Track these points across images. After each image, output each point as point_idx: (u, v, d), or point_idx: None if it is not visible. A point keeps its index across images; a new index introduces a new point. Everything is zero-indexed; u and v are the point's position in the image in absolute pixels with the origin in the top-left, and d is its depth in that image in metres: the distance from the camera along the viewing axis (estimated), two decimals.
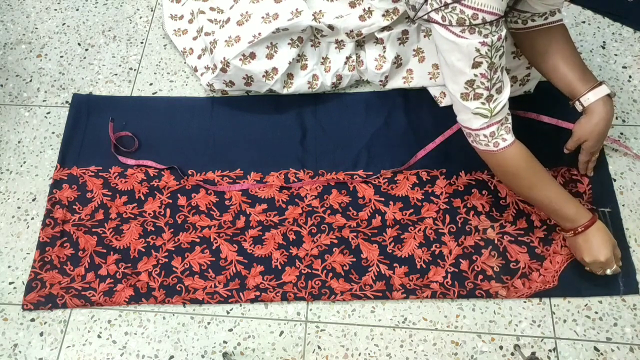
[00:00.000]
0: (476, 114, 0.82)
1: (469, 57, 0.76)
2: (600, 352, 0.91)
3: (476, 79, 0.79)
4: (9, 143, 1.16)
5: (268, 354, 0.93)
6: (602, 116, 0.90)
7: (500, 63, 0.79)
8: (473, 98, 0.81)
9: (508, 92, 0.82)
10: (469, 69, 0.78)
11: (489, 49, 0.76)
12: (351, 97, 1.16)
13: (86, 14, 1.34)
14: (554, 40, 0.91)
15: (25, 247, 1.04)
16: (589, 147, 0.95)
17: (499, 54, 0.78)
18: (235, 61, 1.05)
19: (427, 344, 0.93)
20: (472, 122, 0.84)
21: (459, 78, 0.80)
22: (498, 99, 0.81)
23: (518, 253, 0.98)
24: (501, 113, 0.83)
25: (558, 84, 0.93)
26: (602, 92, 0.89)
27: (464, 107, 0.82)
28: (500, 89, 0.81)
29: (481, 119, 0.82)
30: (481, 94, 0.80)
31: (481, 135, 0.84)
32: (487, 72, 0.78)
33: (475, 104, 0.81)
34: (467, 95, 0.81)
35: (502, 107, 0.82)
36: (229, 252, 1.01)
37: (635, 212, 1.02)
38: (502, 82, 0.81)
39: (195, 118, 1.15)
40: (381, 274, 0.98)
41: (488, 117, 0.82)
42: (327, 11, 1.06)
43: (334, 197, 1.05)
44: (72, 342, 0.95)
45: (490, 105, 0.81)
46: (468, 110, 0.82)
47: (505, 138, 0.84)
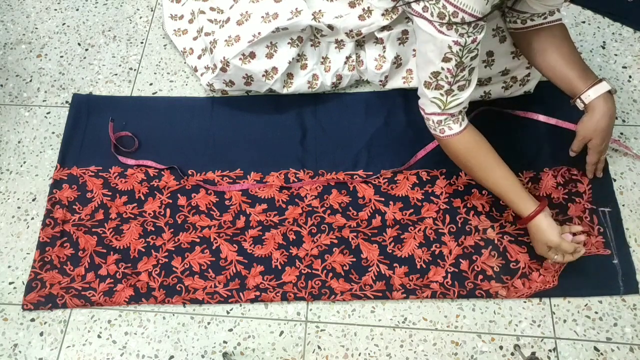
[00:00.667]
0: (432, 102, 0.87)
1: (441, 51, 0.80)
2: (600, 352, 0.91)
3: (442, 72, 0.82)
4: (9, 143, 1.16)
5: (268, 354, 0.93)
6: (604, 112, 0.89)
7: (470, 64, 0.82)
8: (434, 88, 0.85)
9: (469, 93, 0.86)
10: (439, 62, 0.81)
11: (461, 49, 0.79)
12: (351, 97, 1.16)
13: (86, 14, 1.34)
14: (553, 39, 0.91)
15: (25, 247, 1.04)
16: (596, 145, 0.94)
17: (470, 55, 0.81)
18: (235, 60, 1.05)
19: (427, 344, 0.93)
20: (426, 106, 0.89)
21: (427, 67, 0.83)
22: (457, 95, 0.85)
23: (518, 253, 0.98)
24: (454, 109, 0.87)
25: (558, 83, 0.93)
26: (602, 88, 0.88)
27: (424, 92, 0.87)
28: (462, 87, 0.85)
29: (435, 107, 0.87)
30: (442, 86, 0.84)
31: (430, 120, 0.90)
32: (454, 69, 0.82)
33: (434, 94, 0.86)
34: (430, 85, 0.85)
35: (458, 104, 0.86)
36: (229, 252, 1.01)
37: (635, 212, 1.02)
38: (468, 82, 0.85)
39: (195, 118, 1.15)
40: (381, 274, 0.98)
41: (441, 109, 0.87)
42: (327, 11, 1.06)
43: (334, 197, 1.05)
44: (72, 342, 0.95)
45: (446, 98, 0.86)
46: (427, 97, 0.87)
47: (451, 127, 0.88)
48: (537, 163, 1.06)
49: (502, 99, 1.11)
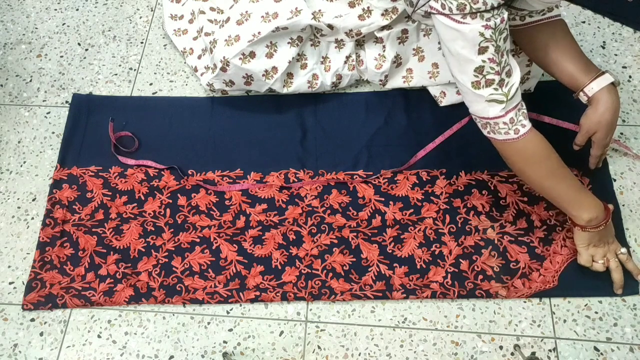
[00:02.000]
0: (491, 101, 0.80)
1: (474, 42, 0.75)
2: (600, 352, 0.91)
3: (485, 64, 0.77)
4: (9, 143, 1.16)
5: (268, 354, 0.93)
6: (608, 105, 0.86)
7: (505, 46, 0.77)
8: (485, 85, 0.78)
9: (519, 75, 0.80)
10: (476, 56, 0.76)
11: (493, 32, 0.74)
12: (351, 97, 1.16)
13: (86, 14, 1.34)
14: (553, 33, 0.90)
15: (25, 247, 1.04)
16: (600, 138, 0.91)
17: (502, 37, 0.76)
18: (235, 60, 1.05)
19: (427, 344, 0.93)
20: (487, 111, 0.81)
21: (466, 67, 0.78)
22: (510, 82, 0.79)
23: (518, 253, 0.98)
24: (516, 97, 0.81)
25: (560, 78, 0.91)
26: (605, 80, 0.87)
27: (477, 96, 0.80)
28: (509, 72, 0.79)
29: (497, 106, 0.80)
30: (492, 79, 0.78)
31: (500, 123, 0.81)
32: (495, 56, 0.76)
33: (489, 91, 0.79)
34: (479, 83, 0.79)
35: (516, 90, 0.80)
36: (229, 252, 1.01)
37: (635, 212, 1.02)
38: (510, 65, 0.80)
39: (195, 118, 1.15)
40: (381, 274, 0.98)
41: (504, 102, 0.79)
42: (327, 10, 1.06)
43: (334, 197, 1.05)
44: (72, 342, 0.95)
45: (504, 90, 0.79)
46: (482, 99, 0.80)
47: (524, 124, 0.82)
48: None
49: None
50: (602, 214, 0.87)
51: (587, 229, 0.88)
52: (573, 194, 0.87)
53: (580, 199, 0.87)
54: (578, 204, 0.87)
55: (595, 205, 0.86)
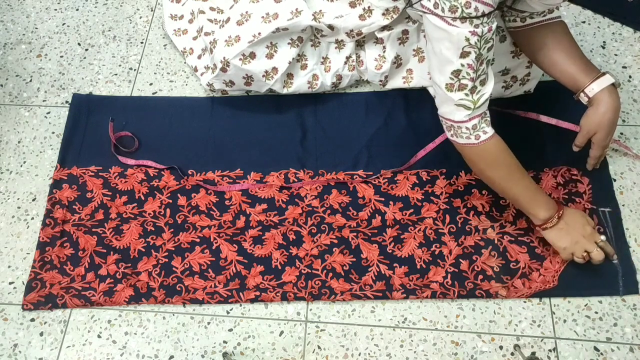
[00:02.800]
0: (459, 106, 0.83)
1: (458, 46, 0.77)
2: (600, 352, 0.91)
3: (463, 69, 0.79)
4: (9, 143, 1.16)
5: (268, 354, 0.93)
6: (609, 106, 0.87)
7: (487, 56, 0.80)
8: (458, 89, 0.81)
9: (491, 86, 0.83)
10: (457, 59, 0.78)
11: (479, 40, 0.76)
12: (351, 97, 1.16)
13: (86, 14, 1.34)
14: (553, 35, 0.90)
15: (25, 247, 1.04)
16: (600, 139, 0.91)
17: (487, 46, 0.78)
18: (235, 61, 1.05)
19: (427, 344, 0.93)
20: (454, 114, 0.84)
21: (445, 67, 0.80)
22: (482, 90, 0.82)
23: (518, 253, 0.98)
24: (483, 106, 0.84)
25: (561, 79, 0.92)
26: (606, 81, 0.87)
27: (448, 98, 0.83)
28: (484, 81, 0.82)
29: (464, 111, 0.83)
30: (466, 84, 0.81)
31: (463, 127, 0.85)
32: (474, 62, 0.78)
33: (459, 95, 0.82)
34: (452, 86, 0.81)
35: (485, 100, 0.83)
36: (229, 252, 1.01)
37: (635, 212, 1.02)
38: (487, 75, 0.82)
39: (195, 118, 1.15)
40: (381, 274, 0.98)
41: (471, 110, 0.83)
42: (327, 11, 1.06)
43: (334, 197, 1.05)
44: (72, 342, 0.95)
45: (474, 97, 0.82)
46: (451, 102, 0.83)
47: (486, 131, 0.85)
48: (537, 163, 1.05)
49: (502, 99, 1.10)
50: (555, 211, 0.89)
51: (547, 227, 0.90)
52: (529, 195, 0.89)
53: (536, 199, 0.89)
54: (535, 203, 0.90)
55: (551, 205, 0.89)
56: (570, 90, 0.91)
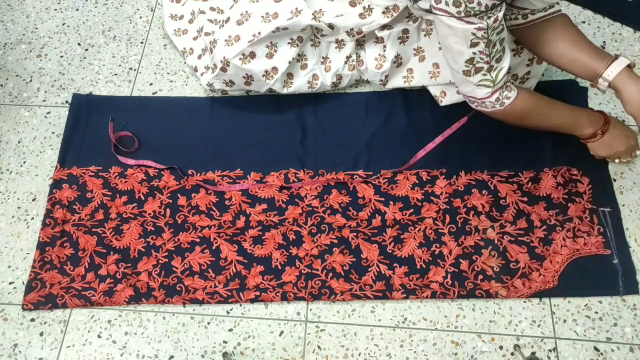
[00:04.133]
0: (479, 86, 0.86)
1: (466, 39, 0.80)
2: (600, 352, 0.91)
3: (475, 56, 0.82)
4: (9, 143, 1.16)
5: (268, 354, 0.93)
6: (636, 83, 0.83)
7: (498, 38, 0.82)
8: (475, 72, 0.84)
9: (509, 59, 0.85)
10: (467, 49, 0.81)
11: (485, 32, 0.79)
12: (351, 97, 1.16)
13: (86, 14, 1.34)
14: (557, 27, 0.90)
15: (25, 247, 1.04)
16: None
17: (496, 31, 0.80)
18: (235, 60, 1.05)
19: (427, 344, 0.93)
20: (476, 92, 0.88)
21: (459, 58, 0.83)
22: (498, 67, 0.85)
23: (518, 253, 0.98)
24: (503, 80, 0.86)
25: (573, 69, 0.90)
26: (622, 63, 0.84)
27: (467, 81, 0.86)
28: (499, 58, 0.84)
29: (485, 89, 0.86)
30: (482, 67, 0.84)
31: (487, 102, 0.89)
32: (485, 49, 0.81)
33: (478, 77, 0.85)
34: (469, 72, 0.85)
35: (504, 75, 0.86)
36: (229, 252, 1.01)
37: (635, 212, 1.02)
38: (502, 53, 0.84)
39: (195, 118, 1.15)
40: (381, 274, 0.98)
41: (491, 87, 0.86)
42: (327, 10, 1.05)
43: (334, 197, 1.05)
44: (72, 342, 0.95)
45: (492, 75, 0.85)
46: (471, 84, 0.86)
47: (509, 96, 0.88)
48: (537, 163, 1.05)
49: None
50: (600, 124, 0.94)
51: (590, 141, 0.96)
52: (570, 121, 0.94)
53: (578, 124, 0.94)
54: (577, 126, 0.94)
55: (592, 120, 0.94)
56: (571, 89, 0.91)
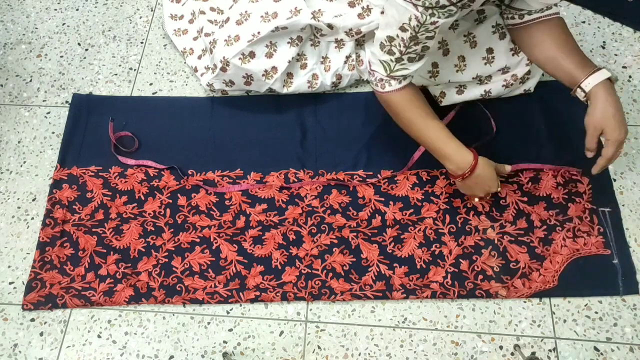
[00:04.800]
0: (380, 63, 0.89)
1: (400, 19, 0.81)
2: (600, 352, 0.91)
3: (396, 39, 0.84)
4: (9, 143, 1.16)
5: (268, 354, 0.93)
6: (607, 99, 0.83)
7: (424, 42, 0.83)
8: (386, 52, 0.87)
9: (417, 67, 0.88)
10: (396, 28, 0.82)
11: (418, 26, 0.80)
12: (351, 96, 1.16)
13: (86, 14, 1.34)
14: (549, 31, 0.90)
15: (25, 247, 1.04)
16: (610, 134, 0.84)
17: (427, 34, 0.81)
18: (235, 60, 1.05)
19: (427, 344, 0.93)
20: (373, 64, 0.91)
21: (385, 29, 0.85)
22: (405, 65, 0.87)
23: (518, 253, 0.98)
24: (398, 76, 0.89)
25: (557, 74, 0.91)
26: (602, 75, 0.84)
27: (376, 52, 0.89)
28: (412, 59, 0.87)
29: (380, 68, 0.89)
30: (394, 52, 0.86)
31: (374, 76, 0.92)
32: (407, 40, 0.83)
33: (385, 57, 0.87)
34: (383, 47, 0.86)
35: (403, 75, 0.89)
36: (229, 252, 1.01)
37: (635, 212, 1.02)
38: (418, 56, 0.86)
39: (195, 118, 1.15)
40: (381, 274, 0.98)
41: (386, 72, 0.89)
42: (326, 10, 1.06)
43: (334, 197, 1.05)
44: (72, 342, 0.95)
45: (394, 65, 0.88)
46: (377, 57, 0.89)
47: (391, 84, 0.90)
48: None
49: (502, 99, 1.10)
50: (465, 166, 0.91)
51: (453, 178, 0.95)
52: (436, 145, 0.92)
53: (443, 150, 0.92)
54: (441, 154, 0.93)
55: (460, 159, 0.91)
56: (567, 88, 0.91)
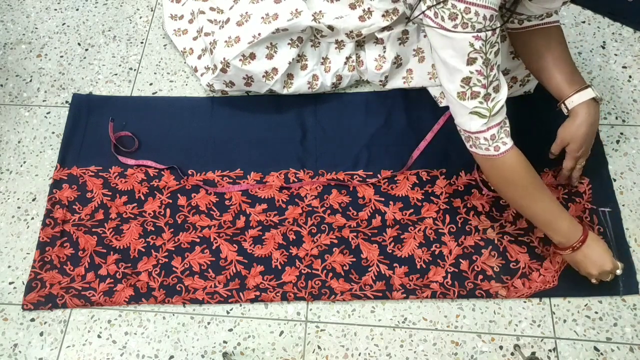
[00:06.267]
0: (473, 114, 0.80)
1: (463, 52, 0.76)
2: (600, 352, 0.91)
3: (472, 75, 0.77)
4: (9, 143, 1.16)
5: (268, 354, 0.93)
6: (585, 119, 0.87)
7: (495, 60, 0.78)
8: (470, 97, 0.79)
9: (506, 92, 0.81)
10: (464, 66, 0.77)
11: (483, 44, 0.75)
12: (351, 97, 1.16)
13: (86, 14, 1.34)
14: (546, 41, 0.91)
15: (25, 247, 1.04)
16: (572, 150, 0.92)
17: (494, 50, 0.77)
18: (235, 61, 1.05)
19: (427, 344, 0.93)
20: (470, 124, 0.82)
21: (455, 76, 0.78)
22: (496, 98, 0.80)
23: (518, 253, 0.98)
24: (500, 114, 0.81)
25: (547, 86, 0.92)
26: (587, 95, 0.87)
27: (462, 107, 0.80)
28: (497, 87, 0.80)
29: (479, 120, 0.80)
30: (478, 92, 0.79)
31: (481, 138, 0.82)
32: (483, 68, 0.77)
33: (473, 103, 0.79)
34: (464, 94, 0.79)
35: (501, 108, 0.81)
36: (229, 252, 1.01)
37: (635, 212, 1.02)
38: (499, 81, 0.80)
39: (195, 118, 1.15)
40: (381, 274, 0.98)
41: (487, 117, 0.80)
42: (327, 12, 1.06)
43: (334, 197, 1.05)
44: (72, 342, 0.95)
45: (488, 104, 0.80)
46: (466, 111, 0.80)
47: (505, 142, 0.82)
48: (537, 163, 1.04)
49: None
50: (575, 240, 0.85)
51: (562, 253, 0.89)
52: (547, 217, 0.86)
53: (553, 223, 0.86)
54: (550, 228, 0.87)
55: (571, 234, 0.86)
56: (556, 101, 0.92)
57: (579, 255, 0.86)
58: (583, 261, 0.86)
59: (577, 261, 0.88)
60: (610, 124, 1.11)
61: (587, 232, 0.86)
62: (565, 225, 0.86)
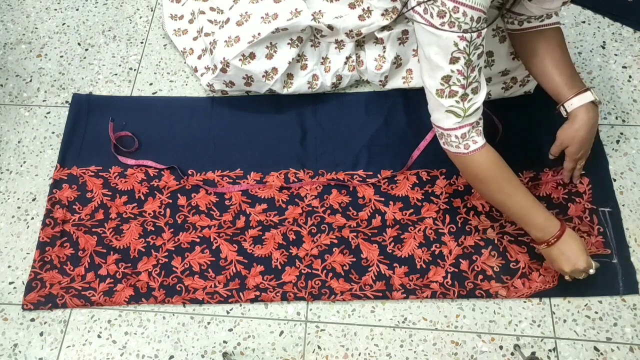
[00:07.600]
0: (449, 112, 0.81)
1: (447, 51, 0.76)
2: (600, 352, 0.91)
3: (453, 75, 0.78)
4: (9, 143, 1.16)
5: (268, 354, 0.93)
6: (584, 122, 0.89)
7: (478, 62, 0.79)
8: (448, 95, 0.80)
9: (484, 95, 0.81)
10: (446, 64, 0.77)
11: (467, 45, 0.76)
12: (351, 97, 1.16)
13: (86, 14, 1.34)
14: (546, 43, 0.91)
15: (25, 247, 1.04)
16: (571, 153, 0.94)
17: (477, 52, 0.77)
18: (235, 61, 1.05)
19: (427, 344, 0.93)
20: (444, 122, 0.83)
21: (436, 73, 0.79)
22: (473, 99, 0.80)
23: (518, 253, 0.98)
24: (475, 115, 0.82)
25: (546, 88, 0.93)
26: (586, 98, 0.88)
27: (439, 104, 0.81)
28: (476, 89, 0.80)
29: (453, 118, 0.81)
30: (456, 91, 0.79)
31: (452, 136, 0.83)
32: (464, 68, 0.77)
33: (450, 102, 0.80)
34: (443, 92, 0.80)
35: (476, 109, 0.81)
36: (229, 252, 1.01)
37: (635, 212, 1.02)
38: (479, 83, 0.80)
39: (195, 118, 1.15)
40: (381, 274, 0.98)
41: (461, 117, 0.81)
42: (327, 11, 1.05)
43: (334, 197, 1.05)
44: (72, 342, 0.95)
45: (464, 105, 0.80)
46: (442, 108, 0.81)
47: (476, 140, 0.83)
48: (537, 163, 1.06)
49: (502, 100, 1.10)
50: (551, 235, 0.85)
51: (538, 248, 0.88)
52: (522, 212, 0.86)
53: (528, 218, 0.86)
54: (525, 222, 0.87)
55: (547, 228, 0.85)
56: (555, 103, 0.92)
57: (554, 251, 0.86)
58: (559, 257, 0.86)
59: (552, 256, 0.87)
60: (610, 124, 1.11)
61: (564, 228, 0.85)
62: (540, 220, 0.86)
